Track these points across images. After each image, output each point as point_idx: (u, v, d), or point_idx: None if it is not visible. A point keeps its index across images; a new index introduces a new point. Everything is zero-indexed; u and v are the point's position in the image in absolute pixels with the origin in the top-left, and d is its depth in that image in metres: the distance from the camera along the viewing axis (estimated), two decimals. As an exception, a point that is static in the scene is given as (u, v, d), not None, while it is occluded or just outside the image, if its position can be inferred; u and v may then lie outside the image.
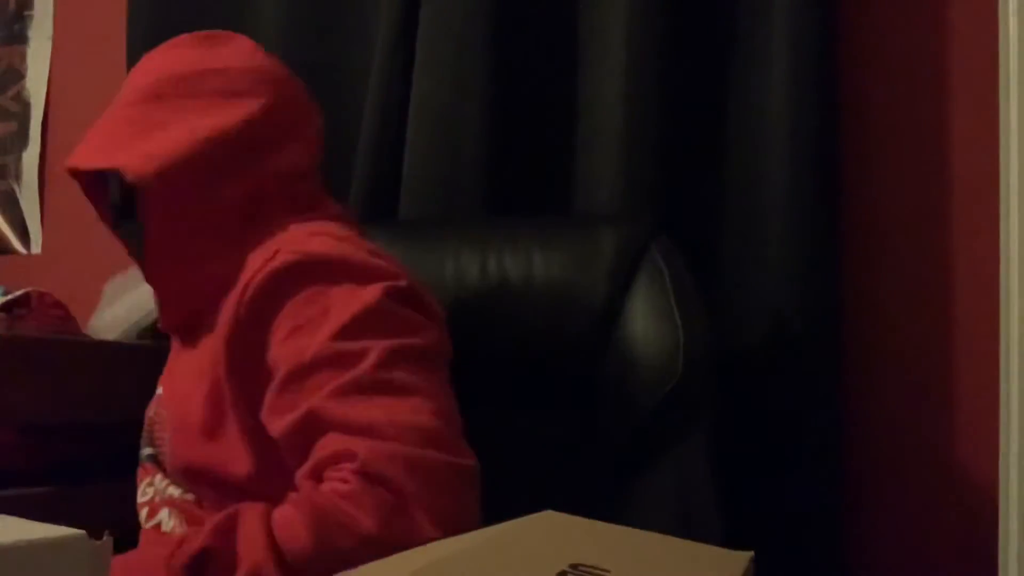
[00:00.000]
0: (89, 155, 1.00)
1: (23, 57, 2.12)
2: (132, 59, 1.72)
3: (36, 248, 2.08)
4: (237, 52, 1.04)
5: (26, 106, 2.10)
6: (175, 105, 0.98)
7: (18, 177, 2.09)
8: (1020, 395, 1.19)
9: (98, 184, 1.11)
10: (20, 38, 2.12)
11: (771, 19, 1.28)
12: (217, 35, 1.07)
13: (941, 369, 1.26)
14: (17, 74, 2.12)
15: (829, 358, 1.25)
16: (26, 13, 2.12)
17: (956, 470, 1.24)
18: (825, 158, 1.25)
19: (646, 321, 1.09)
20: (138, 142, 0.96)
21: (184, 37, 1.07)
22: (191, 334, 0.99)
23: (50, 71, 2.09)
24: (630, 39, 1.30)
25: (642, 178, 1.29)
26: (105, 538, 0.44)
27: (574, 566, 0.42)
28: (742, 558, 0.48)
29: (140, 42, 1.72)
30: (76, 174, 1.07)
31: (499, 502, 0.82)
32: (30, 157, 2.08)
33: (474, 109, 1.36)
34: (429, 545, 0.46)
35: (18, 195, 2.09)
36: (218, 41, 1.06)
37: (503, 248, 1.18)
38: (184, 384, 0.96)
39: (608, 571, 0.42)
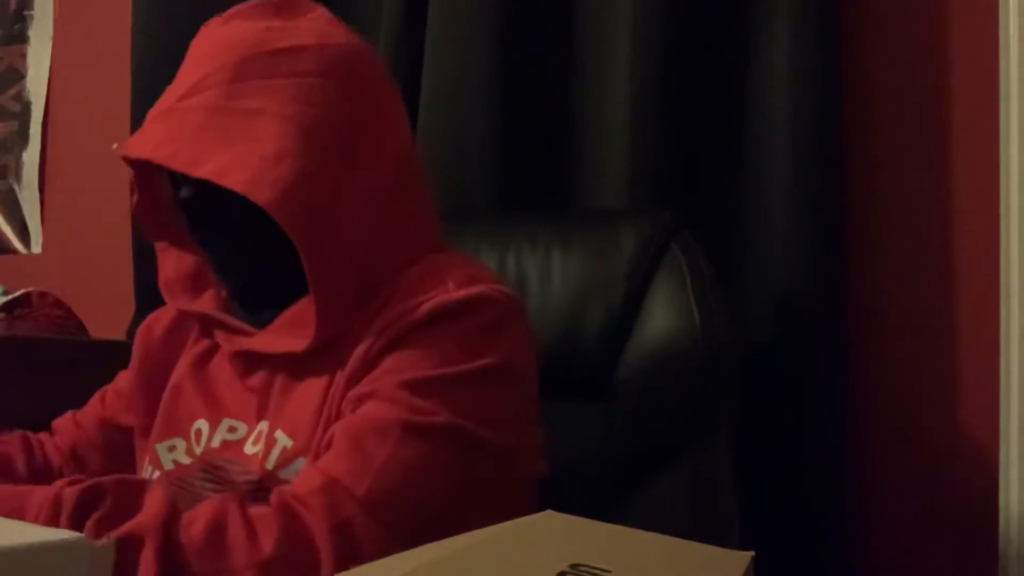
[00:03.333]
0: (185, 150, 0.82)
1: (23, 57, 2.12)
2: (136, 58, 1.72)
3: (36, 248, 2.08)
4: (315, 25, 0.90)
5: (26, 106, 2.11)
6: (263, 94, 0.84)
7: (18, 177, 2.09)
8: (1020, 392, 1.19)
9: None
10: (20, 38, 2.13)
11: (775, 14, 1.28)
12: (287, 3, 0.91)
13: (943, 364, 1.26)
14: (17, 74, 2.12)
15: (833, 354, 1.25)
16: (26, 13, 2.12)
17: (957, 465, 1.24)
18: (827, 153, 1.25)
19: (665, 319, 1.08)
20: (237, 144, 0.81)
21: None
22: (295, 363, 0.86)
23: (50, 71, 2.09)
24: (636, 34, 1.30)
25: (647, 173, 1.29)
26: (106, 540, 0.44)
27: (574, 566, 0.42)
28: (742, 558, 0.48)
29: (144, 39, 1.72)
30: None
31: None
32: (30, 157, 2.09)
33: (481, 105, 1.36)
34: (427, 545, 0.46)
35: (18, 195, 2.09)
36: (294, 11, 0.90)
37: (521, 245, 1.17)
38: (305, 415, 0.84)
39: (608, 571, 0.42)
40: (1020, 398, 1.19)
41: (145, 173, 0.94)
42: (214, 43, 0.87)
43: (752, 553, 0.48)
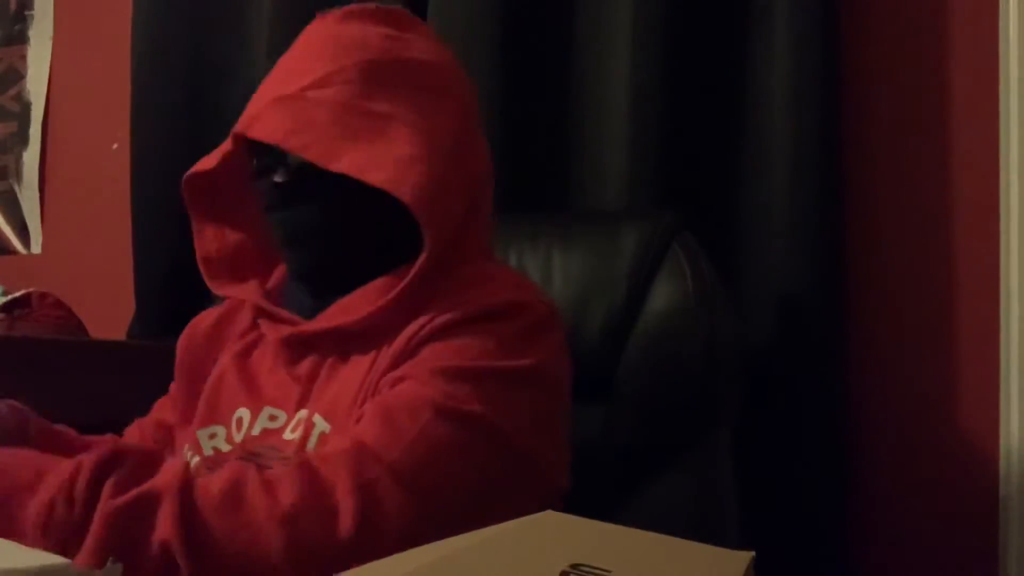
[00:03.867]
0: (319, 143, 0.87)
1: (23, 57, 2.12)
2: (136, 58, 1.72)
3: (36, 248, 2.08)
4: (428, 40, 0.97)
5: (26, 106, 2.10)
6: (393, 97, 0.90)
7: (18, 177, 2.09)
8: (1020, 392, 1.19)
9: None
10: (20, 38, 2.13)
11: (775, 14, 1.28)
12: (397, 13, 0.97)
13: (943, 364, 1.26)
14: (17, 74, 2.12)
15: (832, 352, 1.25)
16: (26, 13, 2.12)
17: (957, 464, 1.24)
18: (827, 153, 1.25)
19: (667, 319, 1.08)
20: (373, 143, 0.87)
21: (358, 10, 0.95)
22: (345, 346, 0.90)
23: (50, 71, 2.09)
24: (635, 35, 1.31)
25: (647, 173, 1.29)
26: (110, 564, 0.43)
27: (574, 566, 0.42)
28: (742, 558, 0.48)
29: (144, 39, 1.72)
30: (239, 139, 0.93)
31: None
32: (30, 157, 2.09)
33: (480, 106, 1.36)
34: (427, 545, 0.46)
35: (18, 195, 2.09)
36: (402, 22, 0.97)
37: (523, 246, 1.17)
38: (345, 399, 0.87)
39: (609, 571, 0.42)
40: (1020, 398, 1.19)
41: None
42: (335, 41, 0.93)
43: (752, 553, 0.48)
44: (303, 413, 0.89)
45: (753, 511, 1.12)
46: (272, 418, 0.91)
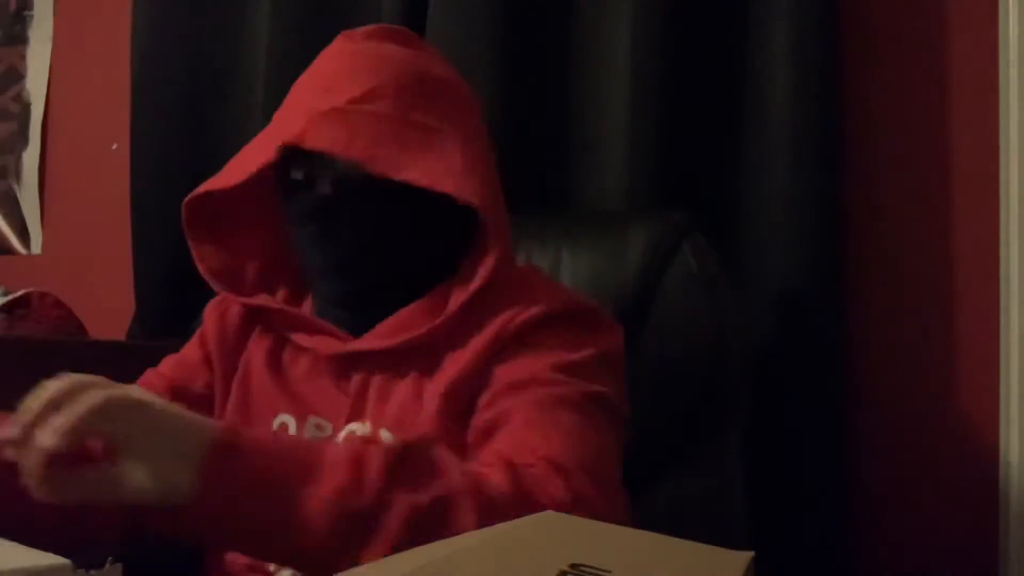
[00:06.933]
0: (382, 153, 0.87)
1: (23, 57, 2.12)
2: (136, 58, 1.72)
3: (36, 248, 2.08)
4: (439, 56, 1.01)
5: (26, 106, 2.11)
6: (438, 112, 0.93)
7: (18, 177, 2.10)
8: (1020, 390, 1.19)
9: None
10: (20, 38, 2.13)
11: (774, 14, 1.28)
12: (407, 33, 1.00)
13: (943, 364, 1.26)
14: (17, 74, 2.13)
15: (832, 352, 1.25)
16: (26, 13, 2.12)
17: (957, 463, 1.25)
18: (827, 153, 1.25)
19: (675, 319, 1.08)
20: (427, 154, 0.89)
21: (375, 30, 0.97)
22: (399, 361, 0.91)
23: (50, 71, 2.09)
24: (636, 34, 1.31)
25: (647, 173, 1.30)
26: (109, 566, 0.43)
27: (574, 566, 0.42)
28: (742, 558, 0.48)
29: (144, 40, 1.72)
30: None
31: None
32: (30, 157, 2.09)
33: (481, 106, 1.36)
34: (428, 545, 0.46)
35: (18, 195, 2.09)
36: (413, 41, 1.00)
37: (531, 246, 1.17)
38: (407, 413, 0.88)
39: (608, 571, 0.42)
40: (1020, 396, 1.19)
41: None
42: (364, 57, 0.93)
43: (752, 553, 0.48)
44: (357, 426, 0.88)
45: (752, 511, 1.12)
46: (318, 427, 0.91)
